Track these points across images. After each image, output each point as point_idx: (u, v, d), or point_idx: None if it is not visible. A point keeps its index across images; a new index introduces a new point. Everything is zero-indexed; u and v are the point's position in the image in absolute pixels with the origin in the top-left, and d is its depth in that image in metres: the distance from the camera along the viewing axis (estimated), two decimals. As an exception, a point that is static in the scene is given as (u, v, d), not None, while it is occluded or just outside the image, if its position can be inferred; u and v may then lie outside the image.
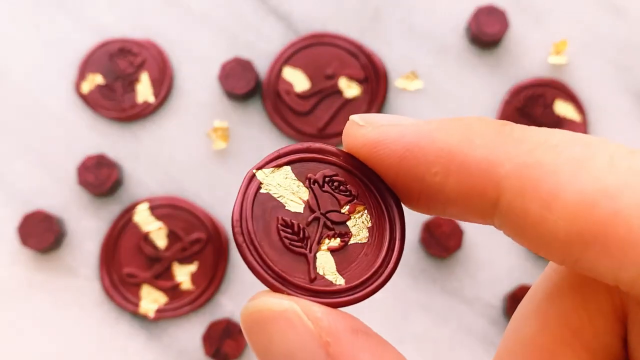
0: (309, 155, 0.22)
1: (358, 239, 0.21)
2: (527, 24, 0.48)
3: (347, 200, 0.22)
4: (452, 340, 0.44)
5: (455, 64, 0.47)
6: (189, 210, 0.45)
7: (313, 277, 0.21)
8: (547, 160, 0.15)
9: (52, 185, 0.46)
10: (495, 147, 0.16)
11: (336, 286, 0.20)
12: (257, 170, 0.21)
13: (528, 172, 0.15)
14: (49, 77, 0.47)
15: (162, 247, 0.45)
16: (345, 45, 0.47)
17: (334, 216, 0.22)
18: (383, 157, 0.18)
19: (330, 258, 0.21)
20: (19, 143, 0.46)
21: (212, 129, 0.46)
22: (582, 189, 0.14)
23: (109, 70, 0.47)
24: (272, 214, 0.21)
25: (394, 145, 0.18)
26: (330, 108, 0.46)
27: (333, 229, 0.21)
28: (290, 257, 0.21)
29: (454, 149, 0.16)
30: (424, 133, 0.17)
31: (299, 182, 0.21)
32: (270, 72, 0.47)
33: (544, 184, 0.15)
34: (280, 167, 0.22)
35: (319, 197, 0.22)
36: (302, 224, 0.21)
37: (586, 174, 0.14)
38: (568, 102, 0.46)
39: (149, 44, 0.47)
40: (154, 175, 0.46)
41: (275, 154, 0.21)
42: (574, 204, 0.14)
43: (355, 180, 0.21)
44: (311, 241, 0.21)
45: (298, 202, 0.21)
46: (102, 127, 0.47)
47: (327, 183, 0.22)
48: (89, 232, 0.45)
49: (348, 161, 0.21)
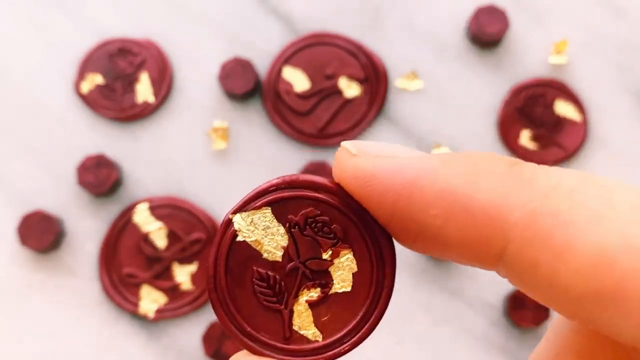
0: (292, 193, 0.19)
1: (340, 287, 0.20)
2: (527, 24, 0.47)
3: (331, 244, 0.20)
4: (452, 340, 0.44)
5: (456, 64, 0.47)
6: (188, 211, 0.45)
7: (288, 335, 0.19)
8: (561, 208, 0.14)
9: (52, 185, 0.46)
10: (503, 191, 0.14)
11: (312, 343, 0.19)
12: (234, 214, 0.19)
13: (540, 221, 0.14)
14: (49, 77, 0.47)
15: (162, 247, 0.45)
16: (345, 45, 0.47)
17: (314, 264, 0.20)
18: (376, 194, 0.16)
19: (307, 312, 0.20)
20: (18, 143, 0.46)
21: (212, 128, 0.46)
22: (600, 241, 0.13)
23: (108, 70, 0.47)
24: (248, 265, 0.19)
25: (389, 180, 0.16)
26: (330, 108, 0.46)
27: (313, 279, 0.20)
28: (265, 314, 0.19)
29: (458, 191, 0.15)
30: (423, 170, 0.15)
31: (279, 225, 0.19)
32: (270, 72, 0.47)
33: (557, 234, 0.14)
34: (259, 209, 0.19)
35: (299, 243, 0.20)
36: (279, 275, 0.19)
37: (605, 225, 0.13)
38: (568, 102, 0.46)
39: (148, 43, 0.47)
40: (153, 175, 0.46)
41: (254, 193, 0.19)
42: (590, 258, 0.13)
43: (343, 218, 0.19)
44: (287, 295, 0.20)
45: (277, 250, 0.20)
46: (101, 127, 0.47)
47: (309, 225, 0.20)
48: (88, 232, 0.45)
49: (337, 194, 0.19)
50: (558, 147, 0.46)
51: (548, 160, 0.45)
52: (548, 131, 0.46)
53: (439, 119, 0.46)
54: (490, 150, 0.46)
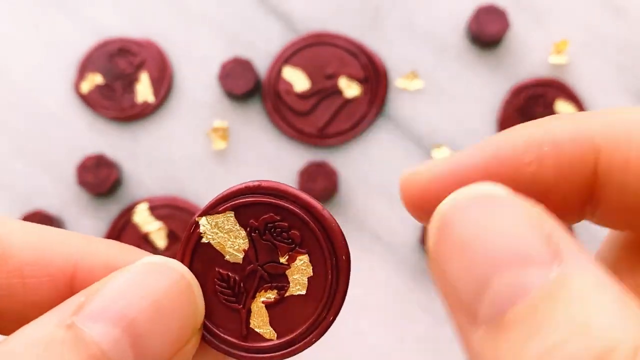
0: (254, 199, 0.20)
1: (296, 290, 0.21)
2: (527, 24, 0.48)
3: (288, 249, 0.21)
4: (452, 340, 0.44)
5: (456, 64, 0.47)
6: (188, 211, 0.45)
7: (244, 333, 0.21)
8: (635, 114, 0.16)
9: (52, 185, 0.46)
10: (581, 120, 0.16)
11: (267, 342, 0.21)
12: (200, 217, 0.20)
13: (621, 126, 0.16)
14: (49, 77, 0.47)
15: (162, 248, 0.45)
16: (346, 45, 0.47)
17: (271, 268, 0.21)
18: (473, 165, 0.17)
19: (264, 312, 0.21)
20: (18, 143, 0.46)
21: (212, 128, 0.46)
22: None
23: (108, 70, 0.47)
24: (211, 266, 0.20)
25: (482, 152, 0.17)
26: (330, 108, 0.46)
27: (269, 282, 0.21)
28: (225, 312, 0.21)
29: (545, 135, 0.16)
30: (505, 136, 0.17)
31: (240, 229, 0.21)
32: (270, 72, 0.47)
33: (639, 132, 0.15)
34: (223, 212, 0.21)
35: (258, 247, 0.21)
36: (239, 276, 0.21)
37: None
38: (568, 102, 0.46)
39: (148, 43, 0.47)
40: (153, 175, 0.46)
41: (219, 197, 0.20)
42: None
43: (302, 225, 0.20)
44: (246, 295, 0.21)
45: (238, 252, 0.21)
46: (101, 127, 0.47)
47: (269, 230, 0.21)
48: (88, 232, 0.45)
49: (298, 202, 0.20)
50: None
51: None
52: (548, 131, 0.46)
53: (439, 119, 0.46)
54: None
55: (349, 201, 0.46)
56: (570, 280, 0.13)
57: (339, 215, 0.45)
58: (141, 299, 0.16)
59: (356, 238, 0.45)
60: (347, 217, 0.45)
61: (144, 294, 0.16)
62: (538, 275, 0.14)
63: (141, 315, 0.16)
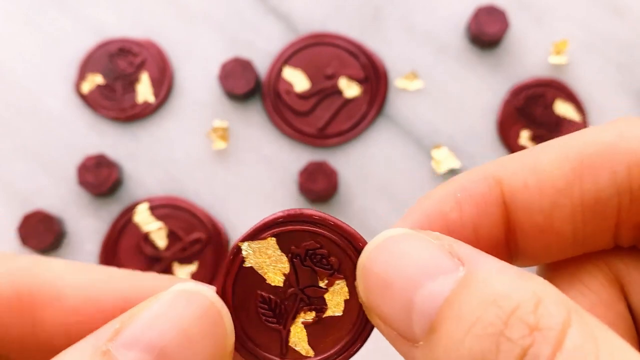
0: (295, 227, 0.22)
1: (333, 311, 0.22)
2: (527, 24, 0.48)
3: (327, 274, 0.22)
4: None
5: (456, 64, 0.47)
6: (189, 210, 0.45)
7: (284, 351, 0.22)
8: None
9: (52, 185, 0.46)
10: (485, 165, 0.19)
11: (305, 359, 0.22)
12: (242, 242, 0.22)
13: (517, 157, 0.19)
14: (49, 77, 0.47)
15: (162, 247, 0.45)
16: (345, 45, 0.47)
17: (311, 291, 0.23)
18: (419, 224, 0.19)
19: (303, 332, 0.23)
20: (19, 143, 0.47)
21: (212, 129, 0.46)
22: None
23: (109, 70, 0.47)
24: (253, 288, 0.22)
25: (420, 211, 0.19)
26: (330, 108, 0.47)
27: (309, 304, 0.23)
28: (266, 331, 0.22)
29: (456, 184, 0.19)
30: (431, 193, 0.20)
31: (282, 255, 0.22)
32: (270, 72, 0.47)
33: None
34: (265, 239, 0.22)
35: (299, 272, 0.22)
36: (280, 298, 0.22)
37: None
38: (568, 102, 0.46)
39: (148, 44, 0.47)
40: (153, 175, 0.46)
41: (261, 224, 0.22)
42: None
43: (339, 251, 0.22)
44: (286, 317, 0.23)
45: (279, 276, 0.22)
46: (102, 127, 0.47)
47: (309, 257, 0.22)
48: (88, 232, 0.46)
49: (337, 230, 0.22)
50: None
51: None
52: (548, 131, 0.46)
53: (438, 119, 0.47)
54: (489, 149, 0.46)
55: (348, 201, 0.46)
56: (475, 274, 0.16)
57: (339, 215, 0.45)
58: (172, 327, 0.17)
59: (356, 238, 0.45)
60: (346, 217, 0.46)
61: (174, 322, 0.17)
62: (449, 280, 0.16)
63: (172, 343, 0.17)
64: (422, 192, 0.46)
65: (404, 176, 0.46)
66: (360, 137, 0.47)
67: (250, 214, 0.46)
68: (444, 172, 0.46)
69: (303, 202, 0.46)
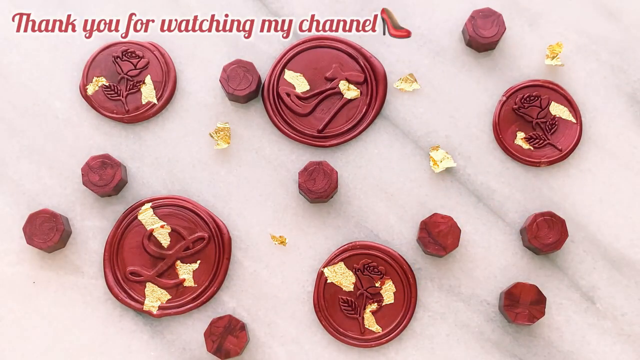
0: (354, 252, 0.43)
1: (388, 301, 0.43)
2: (523, 27, 0.48)
3: (379, 278, 0.43)
4: (449, 337, 0.45)
5: (453, 66, 0.48)
6: (191, 210, 0.46)
7: (363, 331, 0.43)
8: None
9: (58, 185, 0.47)
10: None
11: (376, 334, 0.43)
12: (324, 268, 0.43)
13: None
14: (55, 79, 0.48)
15: (166, 246, 0.46)
16: (345, 48, 0.48)
17: (371, 290, 0.43)
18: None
19: (372, 317, 0.43)
20: (25, 144, 0.47)
21: (214, 130, 0.47)
22: None
23: (113, 73, 0.47)
24: (335, 295, 0.43)
25: None
26: (330, 109, 0.47)
27: (372, 298, 0.43)
28: (349, 320, 0.43)
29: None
30: None
31: (349, 271, 0.43)
32: (271, 74, 0.47)
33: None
34: (336, 263, 0.43)
35: (362, 279, 0.43)
36: (353, 298, 0.43)
37: None
38: (563, 104, 0.47)
39: (152, 46, 0.48)
40: (157, 176, 0.47)
41: (332, 255, 0.43)
42: None
43: (385, 262, 0.43)
44: (359, 309, 0.43)
45: (350, 285, 0.43)
46: (106, 128, 0.47)
47: (366, 269, 0.43)
48: (93, 231, 0.46)
49: (382, 251, 0.44)
50: (553, 147, 0.46)
51: (543, 161, 0.46)
52: (543, 132, 0.46)
53: (436, 120, 0.47)
54: (486, 150, 0.47)
55: (348, 201, 0.46)
56: None
57: (339, 215, 0.46)
58: None
59: (355, 237, 0.46)
60: (346, 216, 0.46)
61: None
62: None
63: None
64: (420, 191, 0.46)
65: (402, 176, 0.46)
66: (359, 138, 0.47)
67: (251, 213, 0.46)
68: (440, 172, 0.46)
69: (303, 202, 0.46)
